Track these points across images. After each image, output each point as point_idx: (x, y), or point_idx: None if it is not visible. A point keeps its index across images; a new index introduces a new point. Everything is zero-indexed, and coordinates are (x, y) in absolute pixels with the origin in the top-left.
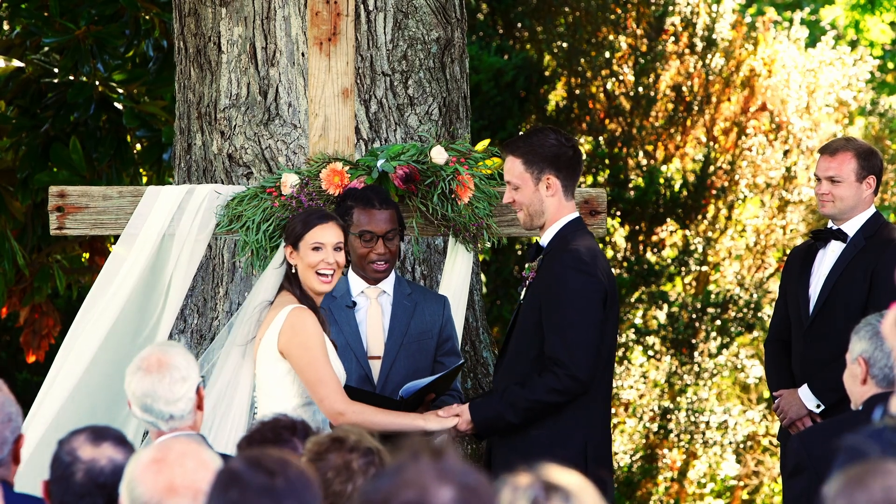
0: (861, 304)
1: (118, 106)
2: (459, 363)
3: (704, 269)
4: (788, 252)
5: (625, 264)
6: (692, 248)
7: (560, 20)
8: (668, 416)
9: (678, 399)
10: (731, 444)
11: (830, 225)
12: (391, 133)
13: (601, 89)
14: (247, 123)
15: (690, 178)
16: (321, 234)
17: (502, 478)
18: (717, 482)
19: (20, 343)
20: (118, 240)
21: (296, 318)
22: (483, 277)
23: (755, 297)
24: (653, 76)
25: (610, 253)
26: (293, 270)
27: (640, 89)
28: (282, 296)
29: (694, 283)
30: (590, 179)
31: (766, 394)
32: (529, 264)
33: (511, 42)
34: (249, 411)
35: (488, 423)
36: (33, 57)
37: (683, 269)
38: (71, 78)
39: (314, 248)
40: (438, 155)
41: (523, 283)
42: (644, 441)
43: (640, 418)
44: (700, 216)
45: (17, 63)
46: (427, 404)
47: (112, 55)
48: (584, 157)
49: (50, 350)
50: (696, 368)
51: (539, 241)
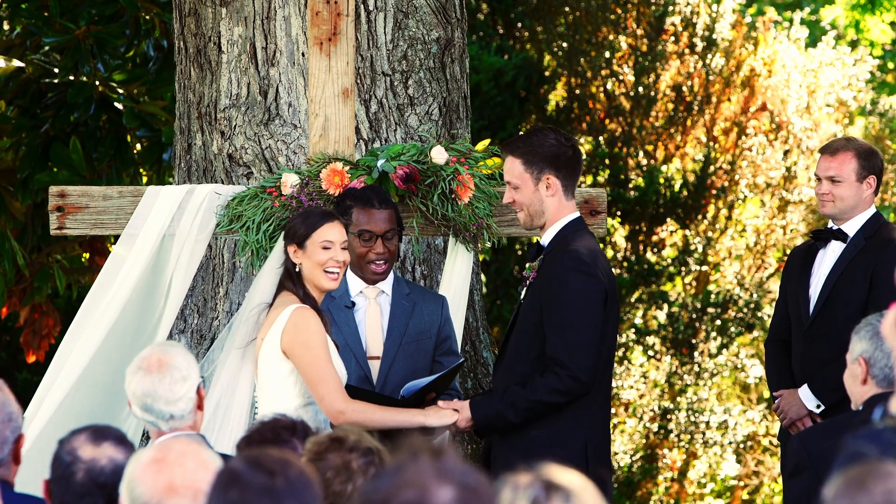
0: (861, 304)
1: (118, 106)
2: (459, 362)
3: (704, 269)
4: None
5: (625, 264)
6: (692, 248)
7: (560, 20)
8: (669, 416)
9: (678, 399)
10: (731, 444)
11: (830, 225)
12: (391, 133)
13: (601, 89)
14: (247, 123)
15: (690, 178)
16: (330, 232)
17: (502, 477)
18: (718, 482)
19: (20, 343)
20: (118, 240)
21: (299, 317)
22: (483, 277)
23: (755, 297)
24: (653, 76)
25: (610, 253)
26: (297, 270)
27: (640, 89)
28: (283, 296)
29: (694, 283)
30: (590, 179)
31: (766, 394)
32: (530, 264)
33: (511, 42)
34: (250, 412)
35: (488, 421)
36: (33, 57)
37: (683, 269)
38: (71, 78)
39: (324, 247)
40: (438, 155)
41: (523, 282)
42: (644, 441)
43: (640, 418)
44: (700, 216)
45: (17, 63)
46: (427, 403)
47: (112, 55)
48: (584, 157)
49: (50, 350)
50: (696, 368)
51: (539, 240)
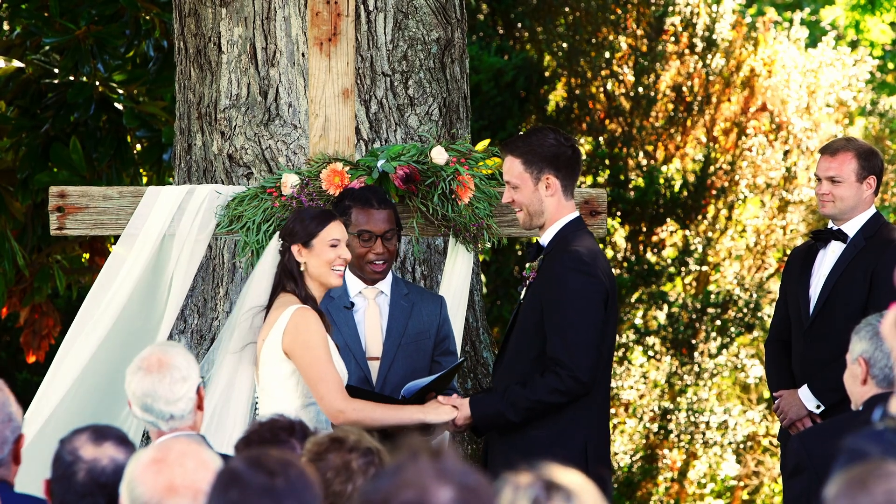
0: (861, 305)
1: (118, 106)
2: (460, 361)
3: (704, 269)
4: (789, 252)
5: (625, 264)
6: (692, 248)
7: (560, 20)
8: (669, 417)
9: (678, 399)
10: (731, 445)
11: (830, 225)
12: (391, 133)
13: (601, 89)
14: (247, 124)
15: (690, 179)
16: (336, 230)
17: (503, 477)
18: (718, 482)
19: (20, 343)
20: (118, 240)
21: (300, 318)
22: (483, 277)
23: (755, 297)
24: (653, 76)
25: (610, 253)
26: (301, 269)
27: (640, 89)
28: (283, 297)
29: (694, 284)
30: (590, 179)
31: (766, 394)
32: (530, 264)
33: (511, 42)
34: (250, 413)
35: (488, 419)
36: (33, 57)
37: (683, 269)
38: (71, 78)
39: (331, 245)
40: (439, 155)
41: (523, 282)
42: (644, 441)
43: (640, 418)
44: (700, 216)
45: (17, 63)
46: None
47: (112, 55)
48: (583, 157)
49: (50, 350)
50: (696, 369)
51: (539, 240)
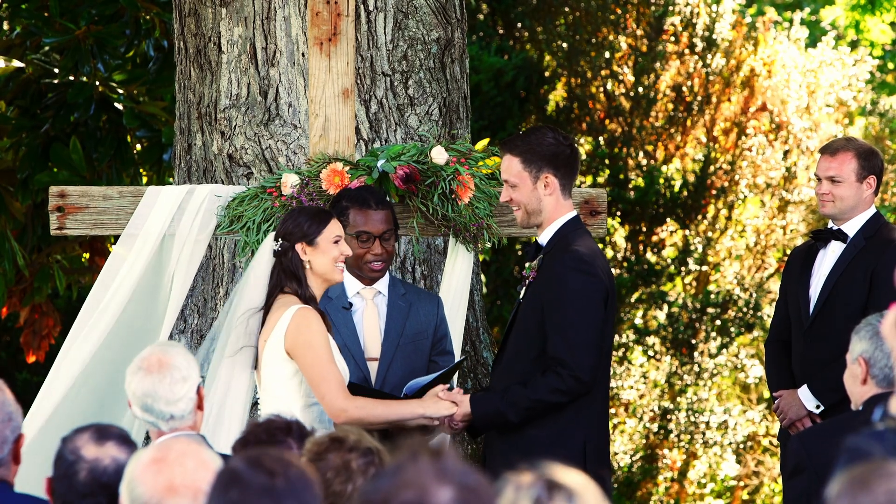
0: (861, 305)
1: (118, 106)
2: (461, 359)
3: (704, 269)
4: (789, 252)
5: (625, 264)
6: (692, 248)
7: (560, 20)
8: (668, 417)
9: (678, 399)
10: (731, 445)
11: (831, 225)
12: (391, 133)
13: (601, 89)
14: (247, 124)
15: (690, 179)
16: (337, 227)
17: (504, 476)
18: (717, 482)
19: (20, 343)
20: (118, 240)
21: (301, 318)
22: (483, 277)
23: (755, 297)
24: (653, 76)
25: (610, 253)
26: (307, 267)
27: (640, 89)
28: (282, 297)
29: (694, 283)
30: (590, 179)
31: (766, 394)
32: (529, 263)
33: (511, 42)
34: (250, 414)
35: (488, 418)
36: (33, 57)
37: (683, 269)
38: (71, 78)
39: (335, 241)
40: (439, 155)
41: (523, 282)
42: (644, 441)
43: (640, 418)
44: (700, 216)
45: (17, 63)
46: None
47: (112, 55)
48: (584, 157)
49: (50, 350)
50: (696, 368)
51: (538, 239)
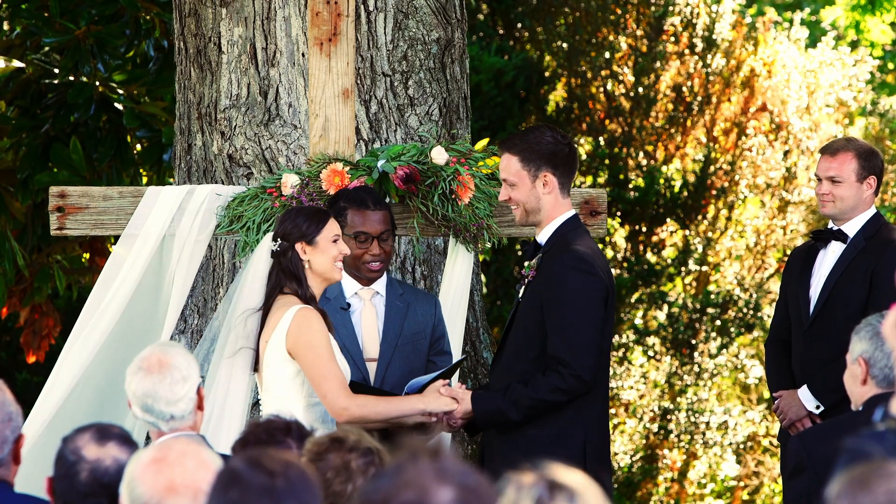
0: (861, 305)
1: (118, 106)
2: (461, 358)
3: (704, 269)
4: (789, 252)
5: (625, 264)
6: (692, 248)
7: (560, 20)
8: (669, 417)
9: (678, 399)
10: (731, 445)
11: (831, 225)
12: (391, 133)
13: (601, 89)
14: (247, 124)
15: (690, 179)
16: (336, 226)
17: (505, 476)
18: (718, 483)
19: (20, 343)
20: (118, 240)
21: (302, 317)
22: (483, 278)
23: (755, 297)
24: (653, 76)
25: (610, 253)
26: (307, 267)
27: (640, 89)
28: (282, 297)
29: (694, 284)
30: (590, 180)
31: (766, 394)
32: (528, 263)
33: (511, 42)
34: (250, 414)
35: (488, 416)
36: (33, 57)
37: (683, 269)
38: (71, 78)
39: (333, 240)
40: (439, 155)
41: (522, 281)
42: (644, 441)
43: (640, 419)
44: (700, 216)
45: (17, 63)
46: None
47: (112, 55)
48: (583, 157)
49: (50, 350)
50: (696, 369)
51: (537, 238)
